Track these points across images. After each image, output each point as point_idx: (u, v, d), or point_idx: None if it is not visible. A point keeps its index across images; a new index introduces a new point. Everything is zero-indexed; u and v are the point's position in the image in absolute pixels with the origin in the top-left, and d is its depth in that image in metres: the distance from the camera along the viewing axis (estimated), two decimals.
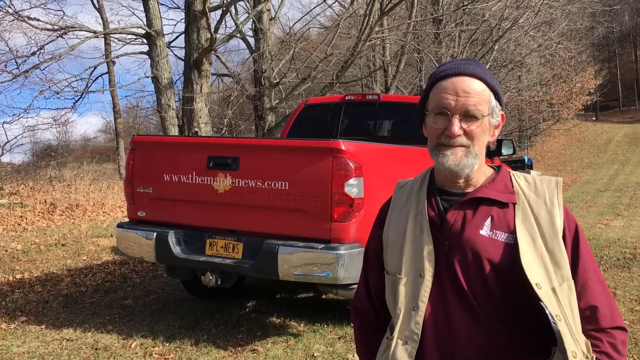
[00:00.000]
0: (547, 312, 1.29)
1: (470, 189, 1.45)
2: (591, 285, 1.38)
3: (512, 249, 1.36)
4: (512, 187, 1.44)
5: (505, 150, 7.23)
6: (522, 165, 16.82)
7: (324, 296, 5.74)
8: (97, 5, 17.72)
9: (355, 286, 4.29)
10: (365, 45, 13.21)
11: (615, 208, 13.74)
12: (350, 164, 4.00)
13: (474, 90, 1.37)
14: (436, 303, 1.39)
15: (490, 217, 1.40)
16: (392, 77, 16.53)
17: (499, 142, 7.31)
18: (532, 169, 24.55)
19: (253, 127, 17.00)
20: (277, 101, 15.65)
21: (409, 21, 15.17)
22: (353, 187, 4.01)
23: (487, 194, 1.42)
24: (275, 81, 15.29)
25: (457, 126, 1.36)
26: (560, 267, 1.35)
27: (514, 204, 1.41)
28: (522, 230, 1.37)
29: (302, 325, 4.86)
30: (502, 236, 1.38)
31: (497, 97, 1.43)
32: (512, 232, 1.37)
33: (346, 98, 6.27)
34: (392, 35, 15.64)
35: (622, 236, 9.50)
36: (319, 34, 19.94)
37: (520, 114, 28.38)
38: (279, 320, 5.02)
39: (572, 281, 1.36)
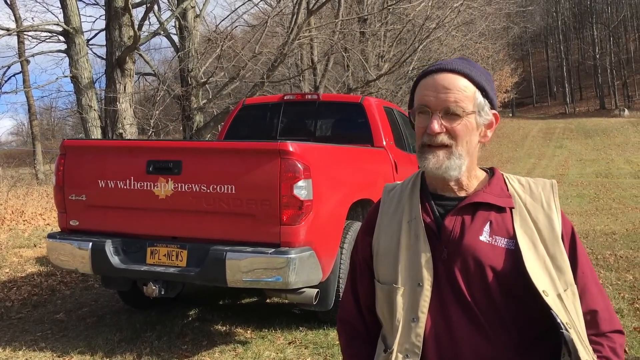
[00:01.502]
0: (558, 320, 1.24)
1: (463, 193, 1.40)
2: (590, 289, 1.36)
3: (513, 254, 1.31)
4: (508, 190, 1.40)
5: None
6: None
7: (268, 300, 5.62)
8: (8, 2, 16.67)
9: (305, 290, 4.25)
10: (294, 45, 13.14)
11: None
12: (299, 166, 3.91)
13: (455, 87, 1.31)
14: (437, 313, 1.32)
15: (489, 223, 1.35)
16: (321, 76, 16.54)
17: None
18: None
19: (181, 128, 16.55)
20: (205, 101, 15.30)
21: (335, 20, 15.23)
22: (302, 189, 3.92)
23: (485, 199, 1.37)
24: (202, 80, 14.95)
25: (436, 123, 1.30)
26: (563, 272, 1.31)
27: (512, 208, 1.37)
28: (522, 235, 1.32)
29: (249, 331, 4.73)
30: (502, 242, 1.33)
31: (486, 95, 1.36)
32: (512, 238, 1.32)
33: (285, 98, 6.16)
34: (321, 34, 15.64)
35: None
36: (245, 32, 19.68)
37: None
38: (224, 327, 4.85)
39: (575, 286, 1.33)
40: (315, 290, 4.27)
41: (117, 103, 13.29)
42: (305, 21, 13.07)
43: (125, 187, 4.29)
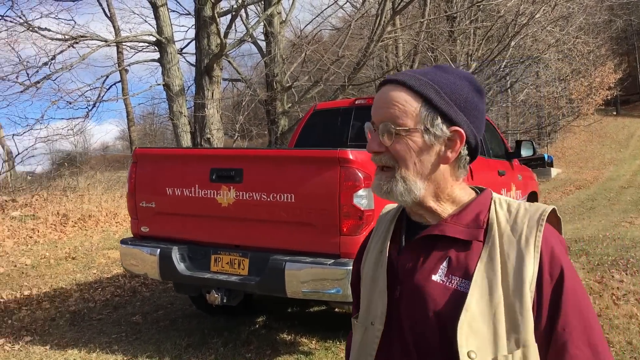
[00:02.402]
0: None
1: (435, 220, 1.20)
2: (572, 351, 1.06)
3: (460, 299, 1.09)
4: (487, 219, 1.16)
5: (525, 152, 6.96)
6: (542, 163, 16.40)
7: (337, 310, 5.52)
8: (108, 14, 17.70)
9: None
10: (377, 46, 13.00)
11: None
12: (359, 174, 3.78)
13: (393, 101, 1.14)
14: (382, 358, 1.19)
15: (447, 260, 1.14)
16: None
17: (518, 144, 7.04)
18: (552, 167, 24.11)
19: (266, 132, 16.86)
20: (290, 105, 15.48)
21: (422, 20, 14.90)
22: (362, 199, 3.79)
23: (444, 231, 1.16)
24: (287, 85, 15.13)
25: (373, 142, 1.17)
26: (516, 328, 1.06)
27: (482, 242, 1.14)
28: (481, 277, 1.10)
29: (313, 342, 4.65)
30: (455, 282, 1.12)
31: (435, 108, 1.13)
32: (469, 278, 1.11)
33: (356, 102, 6.05)
34: (405, 34, 15.38)
35: None
36: (330, 35, 19.72)
37: (539, 111, 27.89)
38: (289, 337, 4.81)
39: (535, 347, 1.07)
40: None
41: (205, 109, 13.73)
42: (390, 21, 12.89)
43: (190, 194, 4.34)
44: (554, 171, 23.88)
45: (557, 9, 17.08)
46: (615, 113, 41.76)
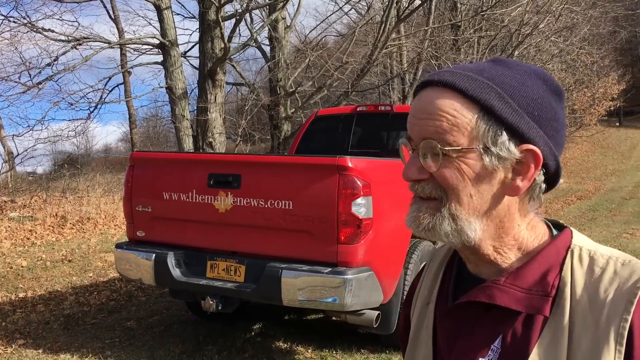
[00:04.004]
0: None
1: (487, 271, 0.89)
2: None
3: None
4: (558, 279, 0.83)
5: None
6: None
7: (334, 318, 5.46)
8: (112, 16, 17.70)
9: (365, 312, 4.05)
10: (381, 53, 12.97)
11: None
12: (358, 182, 3.73)
13: (438, 110, 0.82)
14: None
15: (500, 337, 0.84)
16: (410, 84, 16.24)
17: None
18: None
19: (269, 137, 16.83)
20: (293, 110, 15.45)
21: (426, 28, 14.89)
22: (361, 207, 3.74)
23: (494, 298, 0.84)
24: (290, 90, 15.10)
25: (412, 166, 0.86)
26: None
27: (545, 316, 0.82)
28: None
29: (309, 351, 4.59)
30: None
31: (500, 120, 0.82)
32: None
33: (358, 109, 6.01)
34: (409, 42, 15.36)
35: None
36: (335, 41, 19.72)
37: None
38: (285, 345, 4.75)
39: None
40: (376, 313, 4.07)
41: (208, 113, 13.71)
42: (395, 29, 12.87)
43: (188, 199, 4.29)
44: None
45: (561, 19, 17.08)
46: (618, 124, 41.72)
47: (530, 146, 0.82)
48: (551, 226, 0.91)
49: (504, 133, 0.82)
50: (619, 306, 0.78)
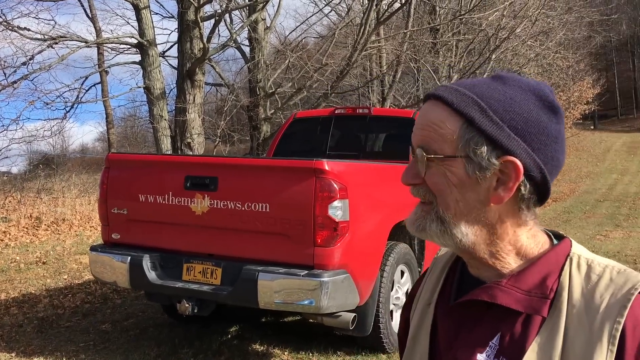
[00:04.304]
0: None
1: (487, 274, 0.93)
2: None
3: None
4: (557, 283, 0.88)
5: None
6: None
7: (311, 320, 5.47)
8: (89, 15, 17.49)
9: (342, 314, 4.07)
10: (361, 55, 13.03)
11: (614, 219, 13.52)
12: (335, 185, 3.74)
13: (428, 120, 0.90)
14: None
15: (499, 335, 0.89)
16: (389, 86, 16.33)
17: None
18: None
19: (248, 138, 16.78)
20: (272, 111, 15.43)
21: (405, 30, 14.98)
22: (337, 210, 3.76)
23: (495, 297, 0.88)
24: (270, 91, 15.08)
25: (409, 171, 0.93)
26: None
27: (542, 316, 0.87)
28: None
29: (286, 353, 4.58)
30: None
31: (481, 131, 0.86)
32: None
33: (336, 112, 6.02)
34: (389, 44, 15.44)
35: (622, 249, 9.27)
36: (315, 43, 19.74)
37: None
38: (262, 347, 4.74)
39: None
40: (352, 315, 4.09)
41: (186, 113, 13.61)
42: (374, 31, 12.93)
43: (164, 202, 4.27)
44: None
45: (538, 24, 17.31)
46: (592, 127, 42.45)
47: (511, 158, 0.86)
48: (552, 236, 0.97)
49: (485, 144, 0.86)
50: (613, 310, 0.83)
